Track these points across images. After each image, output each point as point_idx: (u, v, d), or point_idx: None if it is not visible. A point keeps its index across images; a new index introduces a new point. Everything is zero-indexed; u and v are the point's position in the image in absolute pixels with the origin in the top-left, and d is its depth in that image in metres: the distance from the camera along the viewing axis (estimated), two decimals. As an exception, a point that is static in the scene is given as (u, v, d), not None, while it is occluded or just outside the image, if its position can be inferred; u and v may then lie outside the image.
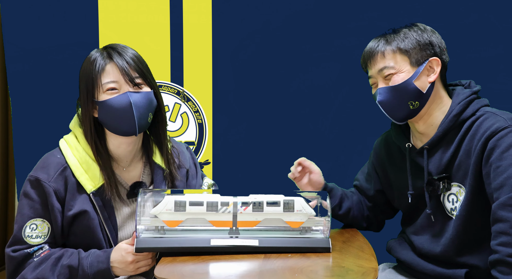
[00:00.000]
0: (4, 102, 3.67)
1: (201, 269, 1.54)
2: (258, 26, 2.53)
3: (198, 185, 1.96)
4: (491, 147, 1.62)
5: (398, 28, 1.81)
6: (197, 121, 2.57)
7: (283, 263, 1.60)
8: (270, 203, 1.68)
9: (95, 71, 1.72)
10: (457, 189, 1.72)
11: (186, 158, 1.96)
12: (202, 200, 1.67)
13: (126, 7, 2.54)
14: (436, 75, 1.75)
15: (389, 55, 1.75)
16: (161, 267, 1.55)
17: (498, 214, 1.57)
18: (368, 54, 1.80)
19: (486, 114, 1.69)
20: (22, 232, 1.71)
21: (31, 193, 1.72)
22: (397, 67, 1.74)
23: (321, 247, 1.67)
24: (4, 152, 3.69)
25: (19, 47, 2.55)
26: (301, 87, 2.55)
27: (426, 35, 1.76)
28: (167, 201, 1.66)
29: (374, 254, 1.70)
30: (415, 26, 1.79)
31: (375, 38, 1.81)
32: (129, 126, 1.72)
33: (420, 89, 1.73)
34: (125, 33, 2.54)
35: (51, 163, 1.75)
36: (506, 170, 1.58)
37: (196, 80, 2.56)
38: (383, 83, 1.77)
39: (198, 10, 2.54)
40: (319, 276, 1.50)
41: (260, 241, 1.65)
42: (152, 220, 1.67)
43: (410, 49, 1.74)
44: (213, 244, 1.63)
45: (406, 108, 1.75)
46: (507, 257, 1.52)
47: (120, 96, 1.71)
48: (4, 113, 3.66)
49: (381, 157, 1.94)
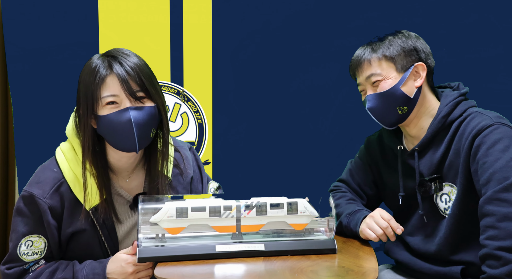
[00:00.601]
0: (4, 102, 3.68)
1: (201, 270, 1.54)
2: (258, 26, 2.53)
3: (204, 191, 1.89)
4: (477, 144, 1.66)
5: (383, 36, 1.85)
6: (197, 121, 2.57)
7: (283, 263, 1.60)
8: (274, 205, 1.67)
9: (95, 83, 1.60)
10: (449, 188, 1.74)
11: (190, 162, 1.87)
12: (204, 205, 1.64)
13: (126, 7, 2.54)
14: (422, 79, 1.79)
15: (375, 63, 1.80)
16: (161, 267, 1.55)
17: (485, 209, 1.59)
18: (355, 62, 1.85)
19: (472, 114, 1.73)
20: (18, 250, 1.64)
21: (25, 210, 1.64)
22: (383, 74, 1.79)
23: (327, 249, 1.66)
24: (5, 152, 3.69)
25: (20, 47, 2.55)
26: (301, 87, 2.55)
27: (411, 42, 1.81)
28: (168, 208, 1.62)
29: (374, 254, 1.70)
30: (400, 33, 1.83)
31: (361, 47, 1.87)
32: (129, 144, 1.63)
33: (407, 95, 1.77)
34: (125, 33, 2.54)
35: (47, 178, 1.66)
36: (492, 165, 1.61)
37: (196, 80, 2.56)
38: (371, 90, 1.81)
39: (198, 10, 2.54)
40: (319, 276, 1.51)
41: (266, 245, 1.63)
42: (152, 228, 1.62)
43: (395, 56, 1.79)
44: (218, 250, 1.61)
45: (395, 113, 1.78)
46: (494, 251, 1.54)
47: (120, 112, 1.60)
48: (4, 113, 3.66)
49: (375, 155, 1.96)
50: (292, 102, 2.56)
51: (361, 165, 2.00)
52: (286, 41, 2.53)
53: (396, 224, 1.77)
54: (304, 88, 2.55)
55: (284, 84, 2.55)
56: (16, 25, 2.54)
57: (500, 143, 1.63)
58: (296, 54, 2.53)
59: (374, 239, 1.78)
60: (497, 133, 1.65)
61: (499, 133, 1.65)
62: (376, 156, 1.96)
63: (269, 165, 2.57)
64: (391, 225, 1.76)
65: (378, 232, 1.76)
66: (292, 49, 2.53)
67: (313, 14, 2.51)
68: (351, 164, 2.05)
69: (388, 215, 1.79)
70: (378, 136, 1.98)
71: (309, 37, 2.52)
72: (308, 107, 2.55)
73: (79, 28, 2.54)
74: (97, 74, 1.61)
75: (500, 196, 1.57)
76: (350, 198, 1.97)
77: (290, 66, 2.54)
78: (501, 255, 1.53)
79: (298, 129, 2.56)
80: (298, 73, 2.55)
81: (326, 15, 2.50)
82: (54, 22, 2.54)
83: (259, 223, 1.66)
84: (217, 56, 2.55)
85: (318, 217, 1.70)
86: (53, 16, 2.54)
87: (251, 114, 2.57)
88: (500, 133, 1.65)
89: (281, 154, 2.55)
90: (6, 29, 2.56)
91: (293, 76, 2.55)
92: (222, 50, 2.55)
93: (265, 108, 2.57)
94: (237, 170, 2.57)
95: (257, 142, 2.57)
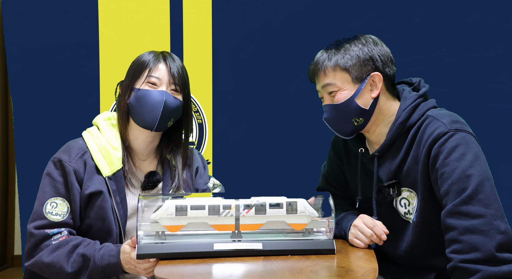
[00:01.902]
0: (4, 102, 3.68)
1: (201, 269, 1.54)
2: (258, 26, 2.53)
3: (203, 183, 2.00)
4: (434, 154, 1.65)
5: (341, 41, 1.81)
6: (197, 121, 2.57)
7: (283, 263, 1.60)
8: (273, 205, 1.66)
9: (148, 63, 1.85)
10: (407, 193, 1.74)
11: (198, 158, 2.04)
12: (204, 204, 1.65)
13: (126, 7, 2.55)
14: (379, 90, 1.75)
15: (330, 73, 1.77)
16: (161, 267, 1.55)
17: (446, 222, 1.59)
18: (313, 69, 1.82)
19: (428, 119, 1.71)
20: (43, 208, 1.78)
21: (54, 173, 1.81)
22: (339, 85, 1.76)
23: (325, 249, 1.65)
24: (5, 152, 3.69)
25: (20, 47, 2.56)
26: (301, 87, 2.55)
27: (367, 49, 1.76)
28: (168, 206, 1.63)
29: (374, 254, 1.70)
30: (357, 40, 1.78)
31: (320, 51, 1.82)
32: (151, 121, 1.82)
33: (363, 107, 1.75)
34: (125, 33, 2.54)
35: (73, 147, 1.86)
36: (450, 176, 1.60)
37: (196, 80, 2.56)
38: (328, 100, 1.79)
39: (198, 10, 2.54)
40: (319, 276, 1.51)
41: (264, 244, 1.63)
42: (152, 225, 1.65)
43: (349, 67, 1.75)
44: (216, 248, 1.61)
45: (351, 125, 1.77)
46: (460, 263, 1.54)
47: (157, 91, 1.83)
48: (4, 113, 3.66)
49: (340, 154, 1.95)
50: (292, 102, 2.56)
51: (331, 167, 2.00)
52: (286, 41, 2.53)
53: (380, 230, 1.74)
54: (304, 88, 2.55)
55: (284, 84, 2.56)
56: (16, 25, 2.55)
57: (455, 151, 1.62)
58: (296, 54, 2.53)
59: (363, 246, 1.77)
60: (452, 141, 1.63)
61: (454, 141, 1.63)
62: (341, 155, 1.95)
63: (269, 164, 2.57)
64: (375, 232, 1.75)
65: (365, 241, 1.76)
66: (292, 49, 2.53)
67: (313, 14, 2.51)
68: (324, 168, 2.04)
69: (371, 222, 1.77)
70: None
71: (309, 37, 2.52)
72: (308, 107, 2.55)
73: (79, 28, 2.54)
74: (152, 59, 1.87)
75: (460, 209, 1.57)
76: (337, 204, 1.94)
77: (290, 66, 2.54)
78: (466, 267, 1.53)
79: (298, 129, 2.56)
80: (298, 73, 2.55)
81: (326, 15, 2.50)
82: (54, 22, 2.54)
83: (258, 222, 1.66)
84: (217, 56, 2.55)
85: (318, 217, 1.69)
86: (53, 16, 2.54)
87: (251, 114, 2.57)
88: (454, 140, 1.63)
89: (281, 154, 2.55)
90: (6, 29, 2.56)
91: (293, 76, 2.55)
92: (222, 50, 2.55)
93: (265, 108, 2.57)
94: (237, 170, 2.57)
95: (257, 142, 2.57)
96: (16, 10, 2.54)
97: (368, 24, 2.47)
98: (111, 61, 2.54)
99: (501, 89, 2.44)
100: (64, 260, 1.73)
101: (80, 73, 2.57)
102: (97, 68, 2.57)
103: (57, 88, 2.57)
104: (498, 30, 2.45)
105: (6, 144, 3.70)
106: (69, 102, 2.57)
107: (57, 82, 2.57)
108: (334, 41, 1.84)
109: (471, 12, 2.45)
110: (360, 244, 1.76)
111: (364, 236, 1.75)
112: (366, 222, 1.77)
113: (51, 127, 2.54)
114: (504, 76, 2.46)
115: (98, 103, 2.56)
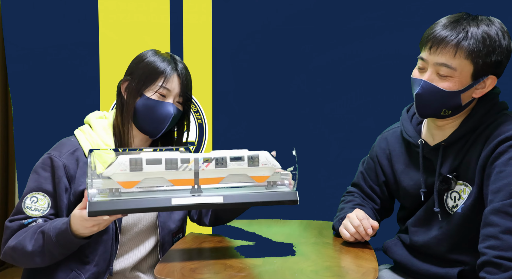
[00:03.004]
0: (4, 102, 3.68)
1: (201, 269, 1.54)
2: (258, 26, 2.53)
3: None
4: (500, 151, 1.61)
5: (486, 19, 1.67)
6: (197, 121, 2.57)
7: (283, 263, 1.60)
8: (234, 158, 1.58)
9: (163, 72, 1.81)
10: (461, 187, 1.71)
11: None
12: (160, 158, 1.54)
13: (126, 7, 2.55)
14: (484, 92, 1.68)
15: (460, 57, 1.62)
16: (161, 267, 1.55)
17: (489, 219, 1.57)
18: (439, 41, 1.63)
19: (504, 118, 1.67)
20: (22, 203, 1.74)
21: (40, 169, 1.77)
22: (457, 74, 1.63)
23: (288, 200, 1.59)
24: (5, 152, 3.69)
25: (20, 47, 2.56)
26: (301, 87, 2.55)
27: (503, 52, 1.65)
28: (122, 160, 1.51)
29: (374, 254, 1.70)
30: (507, 35, 1.65)
31: (454, 21, 1.66)
32: (154, 130, 1.82)
33: (461, 102, 1.67)
34: (125, 33, 2.54)
35: (64, 144, 1.82)
36: (508, 176, 1.58)
37: (196, 80, 2.55)
38: (433, 78, 1.65)
39: (198, 10, 2.54)
40: (319, 276, 1.51)
41: (225, 198, 1.56)
42: (105, 182, 1.52)
43: (481, 63, 1.62)
44: (174, 203, 1.53)
45: (437, 112, 1.70)
46: (494, 258, 1.52)
47: (167, 104, 1.81)
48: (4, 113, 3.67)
49: (388, 151, 1.91)
50: (292, 102, 2.56)
51: (372, 166, 1.96)
52: (286, 41, 2.53)
53: (367, 224, 1.73)
54: (304, 88, 2.56)
55: (284, 84, 2.56)
56: (16, 25, 2.55)
57: None
58: (296, 54, 2.53)
59: (349, 238, 1.76)
60: None
61: None
62: (389, 152, 1.90)
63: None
64: (362, 224, 1.74)
65: (351, 231, 1.75)
66: (292, 49, 2.53)
67: (313, 14, 2.51)
68: (362, 165, 2.01)
69: (362, 215, 1.76)
70: (390, 134, 1.93)
71: (309, 37, 2.52)
72: (308, 107, 2.55)
73: (79, 28, 2.54)
74: (167, 69, 1.82)
75: (508, 209, 1.54)
76: (357, 203, 1.94)
77: (290, 66, 2.54)
78: (501, 263, 1.51)
79: (298, 130, 2.56)
80: (298, 73, 2.55)
81: (326, 15, 2.50)
82: (54, 22, 2.54)
83: (218, 176, 1.57)
84: (217, 56, 2.55)
85: (281, 169, 1.63)
86: (53, 16, 2.54)
87: (251, 114, 2.57)
88: None
89: (281, 154, 2.54)
90: (6, 29, 2.56)
91: (293, 76, 2.55)
92: (222, 50, 2.55)
93: (265, 108, 2.57)
94: (237, 170, 2.57)
95: (257, 142, 2.57)
96: (16, 10, 2.54)
97: (368, 24, 2.47)
98: (111, 61, 2.54)
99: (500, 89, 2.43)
100: (27, 241, 1.68)
101: (80, 73, 2.57)
102: (97, 68, 2.57)
103: (57, 88, 2.57)
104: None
105: (6, 144, 3.70)
106: (69, 102, 2.57)
107: (57, 82, 2.57)
108: (468, 15, 1.69)
109: (471, 12, 2.45)
110: (346, 234, 1.76)
111: (351, 226, 1.75)
112: (358, 214, 1.77)
113: (51, 127, 2.54)
114: (504, 76, 2.46)
115: (98, 103, 2.56)
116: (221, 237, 1.88)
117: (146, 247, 1.87)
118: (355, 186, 2.01)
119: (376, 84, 2.49)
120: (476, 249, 1.59)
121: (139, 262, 1.86)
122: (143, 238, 1.86)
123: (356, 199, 1.96)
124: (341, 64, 2.52)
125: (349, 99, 2.53)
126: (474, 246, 1.63)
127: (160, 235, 1.86)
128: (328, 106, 2.55)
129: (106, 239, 1.77)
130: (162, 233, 1.86)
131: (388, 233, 2.05)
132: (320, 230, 1.97)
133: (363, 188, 1.97)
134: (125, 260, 1.83)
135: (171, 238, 1.90)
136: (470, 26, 1.65)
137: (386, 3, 2.47)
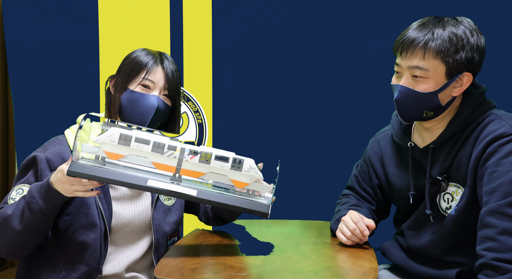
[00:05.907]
0: (5, 102, 3.68)
1: (201, 269, 1.54)
2: (258, 26, 2.53)
3: None
4: (490, 151, 1.61)
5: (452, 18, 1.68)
6: (197, 121, 2.57)
7: (283, 263, 1.60)
8: (219, 157, 1.58)
9: (146, 65, 1.82)
10: (454, 189, 1.71)
11: None
12: (149, 139, 1.57)
13: (126, 7, 2.55)
14: (462, 90, 1.69)
15: (430, 58, 1.64)
16: (161, 267, 1.55)
17: (486, 220, 1.56)
18: (408, 44, 1.66)
19: (491, 117, 1.67)
20: (9, 195, 1.73)
21: (25, 165, 1.77)
22: (430, 74, 1.65)
23: (259, 211, 1.58)
24: (5, 152, 3.69)
25: (20, 47, 2.56)
26: (301, 87, 2.55)
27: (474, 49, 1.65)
28: (112, 132, 1.56)
29: (374, 254, 1.70)
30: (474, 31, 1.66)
31: (421, 25, 1.68)
32: (139, 123, 1.79)
33: (440, 102, 1.68)
34: (125, 33, 2.54)
35: (52, 142, 1.82)
36: (501, 176, 1.57)
37: (196, 80, 2.56)
38: (408, 82, 1.68)
39: (198, 10, 2.54)
40: (319, 276, 1.51)
41: (199, 192, 1.57)
42: (92, 148, 1.57)
43: (452, 61, 1.64)
44: (149, 184, 1.55)
45: (419, 114, 1.71)
46: (492, 261, 1.51)
47: (150, 96, 1.81)
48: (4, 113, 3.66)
49: (380, 154, 1.92)
50: (292, 102, 2.56)
51: (365, 169, 1.96)
52: (286, 41, 2.53)
53: (363, 226, 1.73)
54: (304, 88, 2.56)
55: (284, 84, 2.56)
56: (16, 25, 2.55)
57: None
58: (296, 54, 2.53)
59: (346, 242, 1.76)
60: None
61: None
62: (381, 155, 1.91)
63: (269, 165, 2.56)
64: (358, 227, 1.74)
65: (347, 234, 1.75)
66: (292, 49, 2.53)
67: (313, 14, 2.51)
68: (356, 169, 2.01)
69: (357, 217, 1.76)
70: (382, 136, 1.94)
71: (309, 37, 2.52)
72: (308, 107, 2.55)
73: (79, 28, 2.54)
74: (150, 60, 1.84)
75: (504, 210, 1.54)
76: (353, 204, 1.93)
77: (290, 66, 2.54)
78: (499, 265, 1.50)
79: (298, 130, 2.56)
80: (298, 73, 2.55)
81: (326, 15, 2.50)
82: (54, 22, 2.54)
83: (199, 170, 1.58)
84: (217, 56, 2.55)
85: (262, 181, 1.62)
86: (53, 16, 2.54)
87: (251, 114, 2.57)
88: None
89: (281, 154, 2.55)
90: (6, 29, 2.57)
91: (293, 76, 2.55)
92: (222, 50, 2.55)
93: (265, 108, 2.57)
94: (237, 170, 2.57)
95: (257, 142, 2.57)
96: (16, 10, 2.54)
97: (368, 24, 2.47)
98: (111, 61, 2.54)
99: (501, 89, 2.43)
100: (8, 208, 1.67)
101: (80, 73, 2.58)
102: (97, 68, 2.57)
103: (57, 88, 2.57)
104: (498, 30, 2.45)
105: (6, 144, 3.70)
106: (69, 102, 2.57)
107: (57, 82, 2.57)
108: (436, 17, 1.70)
109: (471, 12, 2.45)
110: (342, 238, 1.76)
111: (347, 230, 1.75)
112: (353, 217, 1.77)
113: (51, 127, 2.53)
114: (504, 76, 2.46)
115: (98, 103, 2.56)
116: (221, 237, 1.88)
117: (140, 248, 1.85)
118: (349, 189, 2.02)
119: (376, 84, 2.49)
120: (473, 250, 1.59)
121: (133, 263, 1.84)
122: (136, 239, 1.85)
123: (351, 200, 1.96)
124: (341, 64, 2.52)
125: (349, 99, 2.53)
126: (471, 247, 1.63)
127: (155, 237, 1.85)
128: (328, 106, 2.55)
129: (94, 238, 1.75)
130: (156, 235, 1.85)
131: (386, 234, 2.05)
132: (320, 230, 1.97)
133: (358, 191, 1.97)
134: (118, 260, 1.82)
135: (166, 241, 1.88)
136: (436, 28, 1.67)
137: (386, 3, 2.47)
